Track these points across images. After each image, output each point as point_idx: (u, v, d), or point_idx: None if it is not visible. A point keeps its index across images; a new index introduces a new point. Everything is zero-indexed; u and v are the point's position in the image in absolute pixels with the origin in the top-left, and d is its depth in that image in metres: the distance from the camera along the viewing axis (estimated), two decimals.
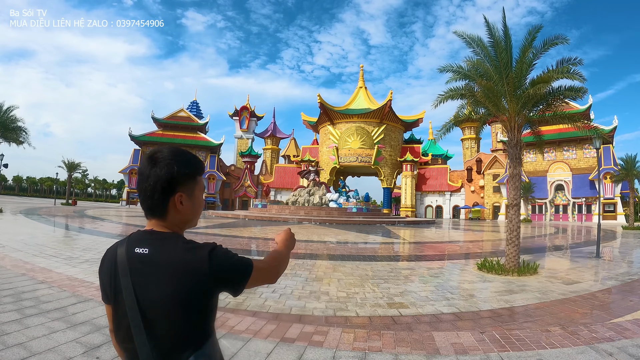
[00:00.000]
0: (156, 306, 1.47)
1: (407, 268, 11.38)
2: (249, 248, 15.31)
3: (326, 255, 13.72)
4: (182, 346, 1.49)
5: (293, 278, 9.10)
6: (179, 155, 1.60)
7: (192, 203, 1.64)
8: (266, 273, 1.69)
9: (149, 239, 1.57)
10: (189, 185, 1.62)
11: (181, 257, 1.49)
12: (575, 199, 66.17)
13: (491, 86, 11.43)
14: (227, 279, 1.54)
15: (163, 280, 1.46)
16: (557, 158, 69.64)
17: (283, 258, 1.86)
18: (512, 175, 12.41)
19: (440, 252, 16.61)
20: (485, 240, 23.33)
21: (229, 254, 1.56)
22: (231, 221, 34.34)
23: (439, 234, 28.72)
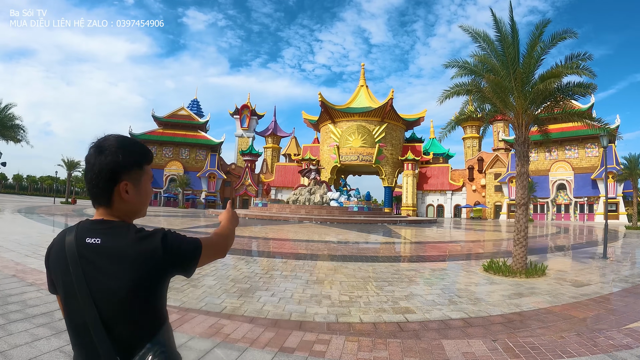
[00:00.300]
0: (111, 297, 1.45)
1: (411, 269, 11.02)
2: (255, 249, 14.94)
3: (327, 255, 13.36)
4: (140, 335, 1.49)
5: (293, 280, 8.76)
6: (125, 144, 1.60)
7: (138, 192, 1.64)
8: (215, 249, 1.75)
9: (100, 229, 1.55)
10: (135, 174, 1.61)
11: (135, 246, 1.48)
12: (577, 199, 65.91)
13: (499, 81, 11.07)
14: (181, 262, 1.56)
15: (118, 270, 1.45)
16: (559, 157, 69.31)
17: (229, 233, 1.91)
18: (519, 173, 12.05)
19: (444, 252, 16.28)
20: (489, 240, 22.98)
21: (180, 237, 1.58)
22: None
23: (441, 233, 28.38)
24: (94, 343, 1.44)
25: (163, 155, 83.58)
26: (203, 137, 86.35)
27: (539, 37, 11.47)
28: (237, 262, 11.08)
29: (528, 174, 12.17)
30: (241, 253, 13.23)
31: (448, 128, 13.55)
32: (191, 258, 1.59)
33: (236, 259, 11.85)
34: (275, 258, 12.54)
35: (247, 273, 9.38)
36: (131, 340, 1.46)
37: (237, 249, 14.14)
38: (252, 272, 9.49)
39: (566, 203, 67.67)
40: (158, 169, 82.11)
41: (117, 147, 1.56)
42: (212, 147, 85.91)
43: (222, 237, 1.84)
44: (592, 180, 64.10)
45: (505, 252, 16.32)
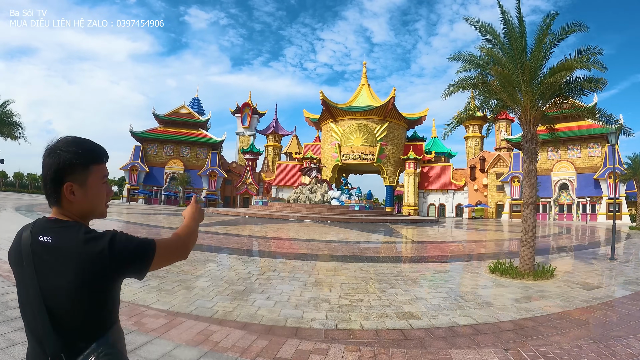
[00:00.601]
0: (59, 295, 1.46)
1: (414, 271, 10.60)
2: (252, 248, 14.54)
3: (327, 255, 12.93)
4: (87, 334, 1.49)
5: (291, 282, 8.33)
6: (71, 145, 1.59)
7: (85, 193, 1.61)
8: (173, 250, 1.70)
9: (52, 227, 1.56)
10: (80, 175, 1.59)
11: (82, 247, 1.47)
12: (580, 199, 65.43)
13: (507, 74, 10.63)
14: (130, 265, 1.54)
15: (65, 269, 1.46)
16: (561, 157, 68.83)
17: (191, 232, 1.84)
18: (527, 171, 11.64)
19: (447, 252, 15.85)
20: (492, 240, 22.57)
21: (130, 238, 1.56)
22: (231, 219, 33.64)
23: (444, 233, 27.95)
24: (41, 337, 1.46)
25: (164, 153, 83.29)
26: (204, 135, 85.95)
27: (547, 29, 11.05)
28: (234, 262, 10.64)
29: (536, 172, 11.76)
30: (239, 252, 12.82)
31: (452, 124, 13.13)
32: (141, 261, 1.56)
33: (233, 259, 11.41)
34: (274, 258, 12.06)
35: (243, 274, 8.96)
36: (77, 339, 1.47)
37: (235, 249, 13.76)
38: (249, 273, 9.07)
39: (568, 203, 67.21)
40: (159, 167, 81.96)
41: (62, 148, 1.56)
42: (213, 146, 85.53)
43: (182, 237, 1.77)
44: (595, 180, 63.65)
45: (510, 252, 15.93)
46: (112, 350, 1.52)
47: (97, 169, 1.64)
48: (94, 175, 1.63)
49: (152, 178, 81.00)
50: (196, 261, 10.36)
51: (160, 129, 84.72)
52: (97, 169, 1.64)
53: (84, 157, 1.59)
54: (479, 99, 12.74)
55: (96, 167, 1.63)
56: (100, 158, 1.67)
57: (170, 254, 1.68)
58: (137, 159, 79.62)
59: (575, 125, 65.87)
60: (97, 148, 1.67)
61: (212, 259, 10.95)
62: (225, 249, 13.57)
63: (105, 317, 1.55)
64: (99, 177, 1.65)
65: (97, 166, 1.64)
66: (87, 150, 1.62)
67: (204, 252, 12.28)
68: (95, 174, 1.63)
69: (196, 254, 11.62)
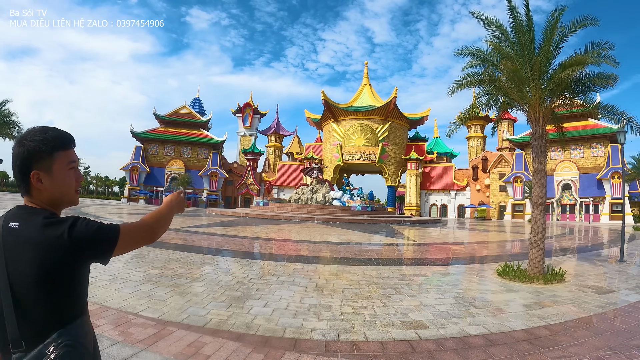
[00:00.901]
0: (24, 281, 1.46)
1: (419, 274, 10.17)
2: (252, 250, 14.10)
3: (329, 258, 12.51)
4: (49, 323, 1.48)
5: (290, 287, 7.90)
6: (36, 134, 1.60)
7: (52, 181, 1.61)
8: (139, 234, 1.66)
9: (20, 214, 1.57)
10: (45, 163, 1.59)
11: (41, 232, 1.47)
12: (583, 199, 65.18)
13: (516, 68, 10.20)
14: (91, 249, 1.52)
15: (27, 255, 1.46)
16: (564, 157, 68.42)
17: (161, 217, 1.79)
18: (536, 170, 11.21)
19: (452, 254, 15.39)
20: (497, 242, 22.14)
21: (90, 223, 1.54)
22: (232, 219, 33.25)
23: (447, 234, 27.50)
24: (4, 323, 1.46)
25: (165, 153, 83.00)
26: (205, 135, 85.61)
27: (555, 23, 10.66)
28: (232, 265, 10.25)
29: (546, 171, 11.34)
30: (237, 255, 12.40)
31: (457, 122, 12.75)
32: (102, 245, 1.54)
33: (231, 261, 11.02)
34: (273, 261, 11.56)
35: (240, 278, 8.53)
36: (40, 327, 1.46)
37: (234, 250, 13.35)
38: (246, 277, 8.64)
39: (571, 203, 66.91)
40: (160, 168, 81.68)
41: (28, 137, 1.58)
42: (214, 146, 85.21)
43: (149, 222, 1.72)
44: (598, 181, 63.47)
45: (516, 254, 15.54)
46: (74, 342, 1.49)
47: (63, 155, 1.63)
48: (60, 161, 1.62)
49: (153, 178, 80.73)
50: (192, 264, 9.95)
51: (161, 129, 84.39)
52: (62, 155, 1.63)
53: (48, 144, 1.59)
54: (485, 96, 12.31)
55: (62, 154, 1.62)
56: (66, 144, 1.65)
57: (136, 239, 1.65)
58: (137, 159, 79.31)
59: (578, 125, 65.62)
60: (62, 134, 1.66)
61: (209, 262, 10.54)
62: (224, 251, 13.18)
63: (69, 307, 1.54)
64: (64, 164, 1.64)
65: (63, 152, 1.63)
66: (51, 137, 1.61)
67: (202, 254, 11.87)
68: (60, 160, 1.62)
69: (193, 256, 11.24)
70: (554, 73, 10.63)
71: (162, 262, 10.00)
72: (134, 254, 11.03)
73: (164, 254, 11.39)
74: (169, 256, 11.09)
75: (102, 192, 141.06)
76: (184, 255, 11.31)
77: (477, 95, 12.42)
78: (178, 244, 14.18)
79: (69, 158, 1.65)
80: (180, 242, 14.65)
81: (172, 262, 10.15)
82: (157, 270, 8.88)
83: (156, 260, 10.35)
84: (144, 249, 11.96)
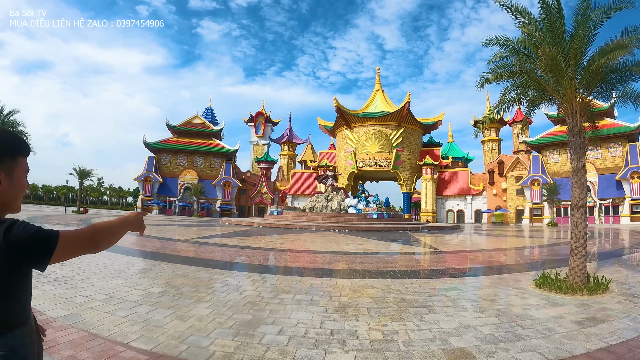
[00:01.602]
0: None
1: (450, 288, 9.15)
2: (265, 262, 13.16)
3: (349, 271, 11.47)
4: None
5: (309, 308, 6.90)
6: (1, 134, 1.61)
7: (11, 184, 1.60)
8: (80, 241, 1.59)
9: None
10: (8, 165, 1.59)
11: None
12: (602, 200, 63.55)
13: (554, 55, 9.21)
14: (27, 254, 1.46)
15: None
16: None
17: (109, 229, 1.72)
18: (575, 169, 10.18)
19: (480, 263, 14.27)
20: (523, 248, 20.94)
21: (28, 226, 1.50)
22: (245, 229, 32.31)
23: (469, 241, 26.34)
24: None
25: (177, 163, 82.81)
26: (217, 145, 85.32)
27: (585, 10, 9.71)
28: (242, 281, 9.28)
29: (585, 170, 10.31)
30: (249, 269, 11.47)
31: (486, 121, 11.77)
32: (40, 250, 1.47)
33: (241, 277, 10.03)
34: (288, 275, 10.54)
35: (251, 297, 7.57)
36: None
37: (245, 264, 12.44)
38: (259, 296, 7.66)
39: (590, 205, 65.21)
40: (172, 178, 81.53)
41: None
42: (226, 155, 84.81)
43: (93, 231, 1.64)
44: (617, 181, 62.02)
45: (549, 261, 14.43)
46: (8, 353, 1.46)
47: (23, 161, 1.66)
48: (20, 166, 1.64)
49: (166, 188, 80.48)
50: (199, 280, 9.00)
51: (174, 139, 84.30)
52: (23, 161, 1.66)
53: (13, 147, 1.61)
54: (514, 91, 11.32)
55: (22, 160, 1.65)
56: (26, 151, 1.69)
57: (76, 246, 1.56)
58: (150, 170, 79.18)
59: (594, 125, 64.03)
60: (24, 141, 1.68)
61: (218, 278, 9.53)
62: (235, 265, 12.26)
63: (7, 316, 1.49)
64: (23, 170, 1.66)
65: (23, 159, 1.66)
66: (15, 141, 1.62)
67: (210, 268, 10.90)
68: (21, 165, 1.64)
69: (200, 271, 10.31)
70: (591, 61, 9.65)
71: (166, 278, 9.07)
72: (138, 269, 10.18)
73: (169, 269, 10.49)
74: (175, 271, 10.17)
75: (115, 203, 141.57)
76: (190, 270, 10.37)
77: (504, 90, 11.45)
78: (186, 256, 13.29)
79: (26, 166, 1.69)
80: (189, 255, 13.75)
81: (176, 278, 9.22)
82: (159, 289, 7.94)
83: (159, 276, 9.41)
84: (146, 263, 11.11)
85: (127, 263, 11.19)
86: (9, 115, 31.80)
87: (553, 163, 70.60)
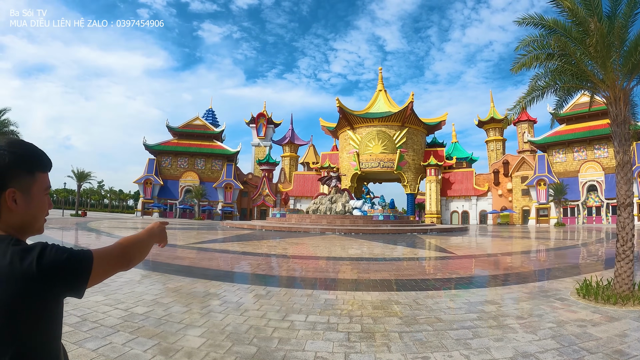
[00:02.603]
0: None
1: (485, 301, 7.87)
2: (269, 272, 11.87)
3: (365, 282, 10.09)
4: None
5: (327, 334, 5.56)
6: (15, 147, 1.43)
7: (28, 203, 1.44)
8: (114, 259, 1.47)
9: None
10: (25, 182, 1.43)
11: (9, 262, 1.28)
12: (609, 200, 62.20)
13: (604, 32, 7.99)
14: (62, 280, 1.31)
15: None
16: (588, 157, 65.91)
17: (138, 242, 1.61)
18: (621, 163, 8.93)
19: (506, 269, 12.85)
20: (544, 251, 19.62)
21: (61, 251, 1.33)
22: (247, 233, 31.03)
23: (483, 243, 24.98)
24: None
25: (178, 166, 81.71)
26: (219, 146, 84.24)
27: None
28: (243, 297, 7.94)
29: (631, 164, 9.07)
30: (251, 280, 10.19)
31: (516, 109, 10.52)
32: (76, 275, 1.33)
33: (243, 290, 8.71)
34: (297, 288, 9.15)
35: (255, 319, 6.25)
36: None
37: (247, 273, 11.21)
38: (264, 317, 6.35)
39: (597, 205, 64.12)
40: (173, 180, 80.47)
41: (5, 148, 1.39)
42: (228, 157, 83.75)
43: (125, 246, 1.53)
44: None
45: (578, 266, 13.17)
46: None
47: (42, 177, 1.48)
48: (39, 183, 1.47)
49: (166, 191, 79.42)
50: (193, 297, 7.65)
51: (174, 141, 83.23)
52: (42, 177, 1.48)
53: (31, 162, 1.44)
54: (544, 78, 10.11)
55: (41, 175, 1.48)
56: (47, 166, 1.51)
57: (111, 265, 1.44)
58: (151, 172, 78.11)
59: (599, 124, 63.61)
60: (44, 154, 1.51)
61: (215, 292, 8.17)
62: (235, 275, 11.02)
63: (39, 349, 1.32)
64: (43, 187, 1.49)
65: (42, 175, 1.48)
66: (34, 154, 1.46)
67: (207, 280, 9.56)
68: (40, 182, 1.47)
69: (196, 284, 9.01)
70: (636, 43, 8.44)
71: (155, 294, 7.74)
72: (124, 281, 8.90)
73: (161, 280, 9.23)
74: (167, 283, 8.89)
75: (116, 206, 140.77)
76: (184, 283, 9.07)
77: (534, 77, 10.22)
78: (181, 265, 11.99)
79: (47, 182, 1.51)
80: (185, 263, 12.42)
81: (167, 293, 7.90)
82: (144, 308, 6.62)
83: (147, 291, 7.99)
84: (135, 274, 9.85)
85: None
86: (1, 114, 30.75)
87: (559, 163, 69.41)
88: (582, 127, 67.11)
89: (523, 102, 10.39)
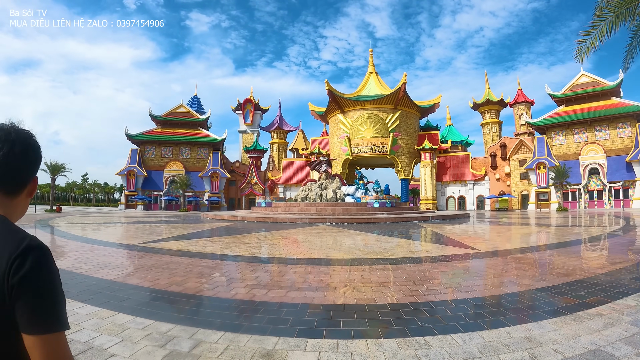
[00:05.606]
0: None
1: (589, 351, 4.57)
2: (234, 294, 8.07)
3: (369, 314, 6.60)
4: None
5: None
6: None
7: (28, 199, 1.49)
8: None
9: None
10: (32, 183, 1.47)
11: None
12: (612, 184, 60.28)
13: None
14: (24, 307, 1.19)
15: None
16: (589, 139, 63.55)
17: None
18: None
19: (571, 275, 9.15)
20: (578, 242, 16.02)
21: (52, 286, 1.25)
22: (226, 225, 27.37)
23: (501, 233, 21.09)
24: None
25: (162, 155, 78.36)
26: (204, 134, 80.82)
27: None
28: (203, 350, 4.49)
29: None
30: (193, 314, 6.58)
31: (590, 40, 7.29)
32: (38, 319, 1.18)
33: (201, 334, 5.12)
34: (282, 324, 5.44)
35: None
36: None
37: (206, 299, 7.33)
38: None
39: (599, 189, 62.10)
40: (157, 171, 77.23)
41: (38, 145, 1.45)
42: (214, 145, 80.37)
43: None
44: (627, 163, 59.13)
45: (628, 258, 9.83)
46: None
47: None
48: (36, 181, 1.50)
49: (151, 182, 76.23)
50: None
51: (158, 130, 79.88)
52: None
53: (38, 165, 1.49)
54: None
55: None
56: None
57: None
58: (134, 163, 74.87)
59: (601, 104, 61.40)
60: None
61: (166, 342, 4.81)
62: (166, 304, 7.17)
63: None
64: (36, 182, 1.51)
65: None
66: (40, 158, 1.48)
67: (115, 312, 6.04)
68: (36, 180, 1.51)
69: (90, 321, 5.38)
70: None
71: None
72: None
73: None
74: None
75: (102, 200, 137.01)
76: (79, 318, 5.70)
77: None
78: (102, 280, 8.50)
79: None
80: (110, 278, 8.78)
81: None
82: None
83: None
84: None
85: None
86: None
87: (559, 145, 66.84)
88: (582, 108, 64.64)
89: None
